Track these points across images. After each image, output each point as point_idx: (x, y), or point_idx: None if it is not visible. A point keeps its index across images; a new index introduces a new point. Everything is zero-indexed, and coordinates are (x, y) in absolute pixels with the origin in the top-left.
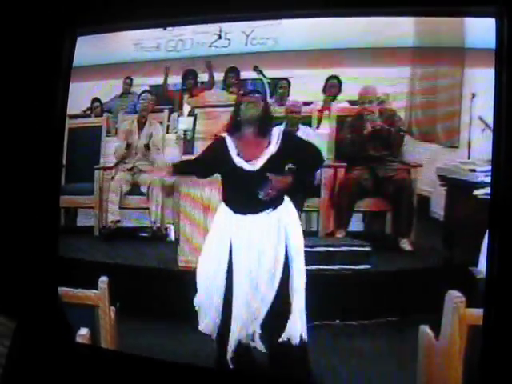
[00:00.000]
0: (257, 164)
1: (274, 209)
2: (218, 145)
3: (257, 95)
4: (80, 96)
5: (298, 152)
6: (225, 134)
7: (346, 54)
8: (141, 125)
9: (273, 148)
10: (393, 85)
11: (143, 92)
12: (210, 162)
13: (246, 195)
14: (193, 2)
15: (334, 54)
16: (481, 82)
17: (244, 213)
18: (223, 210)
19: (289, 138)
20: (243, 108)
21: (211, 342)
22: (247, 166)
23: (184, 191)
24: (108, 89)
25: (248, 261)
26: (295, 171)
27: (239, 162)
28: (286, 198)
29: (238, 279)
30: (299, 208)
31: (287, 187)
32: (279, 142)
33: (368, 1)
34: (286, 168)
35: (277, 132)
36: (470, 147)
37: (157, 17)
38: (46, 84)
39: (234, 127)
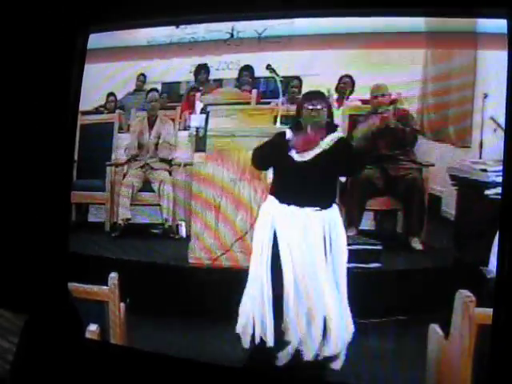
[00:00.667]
0: (308, 156)
1: (321, 209)
2: (279, 137)
3: (321, 104)
4: (93, 92)
5: (344, 152)
6: (286, 129)
7: (359, 52)
8: (151, 123)
9: (325, 145)
10: (405, 84)
11: (150, 90)
12: (269, 154)
13: (293, 186)
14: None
15: (348, 52)
16: (493, 82)
17: (288, 203)
18: (270, 200)
19: (342, 142)
20: (306, 115)
21: (220, 338)
22: (298, 157)
23: (195, 188)
24: (121, 85)
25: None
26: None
27: (291, 152)
28: (335, 205)
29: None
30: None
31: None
32: (333, 141)
33: (380, 1)
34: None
35: (334, 134)
36: (481, 147)
37: (170, 15)
38: (58, 80)
39: (295, 126)
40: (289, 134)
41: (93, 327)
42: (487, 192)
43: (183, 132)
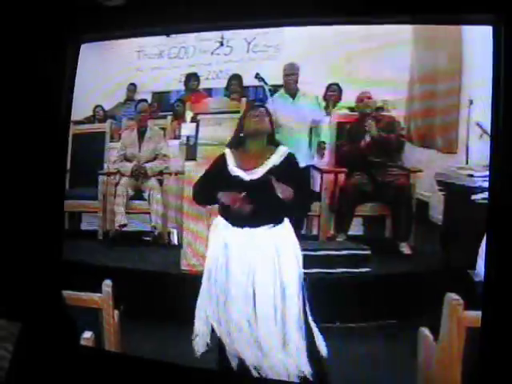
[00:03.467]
0: (257, 173)
1: (273, 226)
2: (219, 161)
3: (261, 109)
4: (84, 103)
5: (295, 179)
6: (225, 150)
7: (346, 60)
8: (141, 133)
9: (275, 159)
10: (392, 91)
11: (139, 101)
12: (211, 181)
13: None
14: (195, 9)
15: (335, 61)
16: (478, 88)
17: (242, 226)
18: (220, 222)
19: (292, 159)
20: (247, 122)
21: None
22: (246, 176)
23: (187, 196)
24: (112, 96)
25: (243, 276)
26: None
27: (237, 171)
28: (286, 220)
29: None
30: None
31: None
32: (283, 157)
33: (367, 10)
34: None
35: (282, 150)
36: (467, 153)
37: (160, 24)
38: (50, 90)
39: (237, 141)
40: (228, 153)
41: (87, 334)
42: (474, 197)
43: (174, 141)
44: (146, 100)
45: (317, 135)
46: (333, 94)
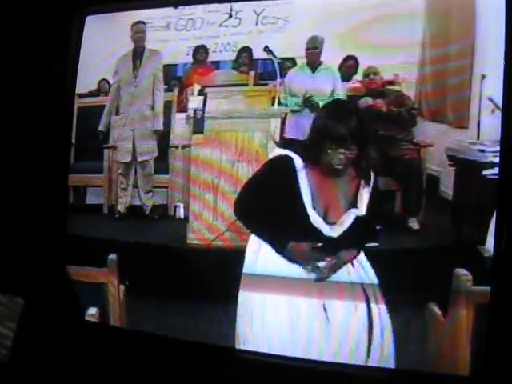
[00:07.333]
0: (340, 227)
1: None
2: (284, 171)
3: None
4: (89, 76)
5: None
6: (292, 154)
7: (357, 30)
8: (138, 55)
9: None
10: (403, 65)
11: (135, 23)
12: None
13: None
14: None
15: (348, 32)
16: (491, 63)
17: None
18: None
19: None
20: (332, 155)
21: (220, 319)
22: (328, 231)
23: (194, 170)
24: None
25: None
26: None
27: (316, 221)
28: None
29: None
30: None
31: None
32: (371, 194)
33: None
34: None
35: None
36: (479, 128)
37: None
38: (55, 63)
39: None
40: (302, 173)
41: (92, 310)
42: (485, 172)
43: (181, 114)
44: (143, 22)
45: None
46: (350, 68)
